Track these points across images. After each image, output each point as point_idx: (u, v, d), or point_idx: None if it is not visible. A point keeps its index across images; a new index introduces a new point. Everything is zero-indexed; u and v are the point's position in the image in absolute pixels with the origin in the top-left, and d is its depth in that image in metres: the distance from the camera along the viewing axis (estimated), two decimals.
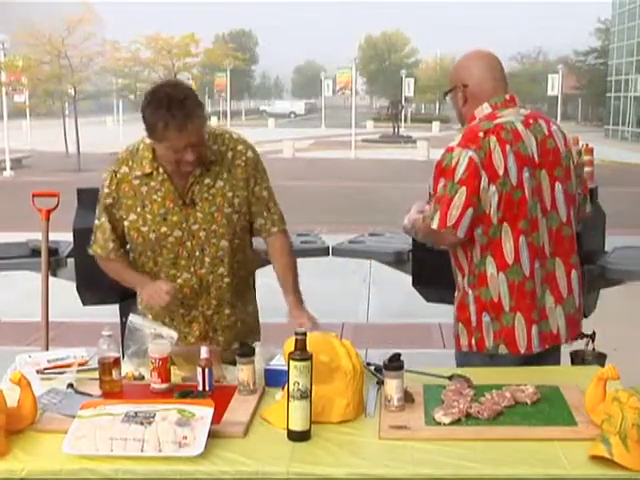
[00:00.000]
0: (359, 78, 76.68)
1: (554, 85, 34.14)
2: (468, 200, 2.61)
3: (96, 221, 2.79)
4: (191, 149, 2.53)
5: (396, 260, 4.20)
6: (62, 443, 1.96)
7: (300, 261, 2.92)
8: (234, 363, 2.40)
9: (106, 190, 2.73)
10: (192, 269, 2.73)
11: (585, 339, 3.40)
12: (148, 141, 2.65)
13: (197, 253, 2.72)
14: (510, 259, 2.67)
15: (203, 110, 2.56)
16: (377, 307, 7.24)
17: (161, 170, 2.66)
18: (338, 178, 19.51)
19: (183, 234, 2.69)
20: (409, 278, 4.05)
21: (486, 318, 2.71)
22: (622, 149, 30.43)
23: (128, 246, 2.81)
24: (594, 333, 3.43)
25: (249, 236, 2.84)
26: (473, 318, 2.74)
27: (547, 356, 2.82)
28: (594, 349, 3.46)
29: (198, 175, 2.67)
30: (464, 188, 2.61)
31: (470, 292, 2.74)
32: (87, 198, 4.14)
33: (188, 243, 2.70)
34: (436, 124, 45.23)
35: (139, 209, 2.69)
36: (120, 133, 34.56)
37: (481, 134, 2.64)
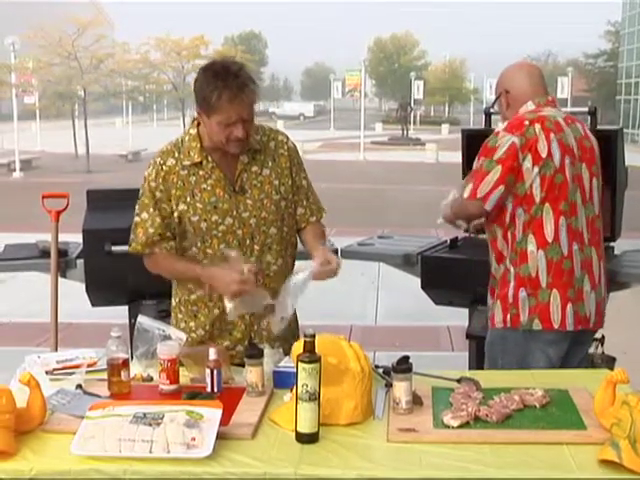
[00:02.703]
0: (368, 80, 76.77)
1: (563, 88, 34.12)
2: (501, 178, 2.83)
3: (136, 218, 2.71)
4: (241, 124, 2.55)
5: (405, 263, 4.19)
6: (70, 444, 1.97)
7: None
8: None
9: (152, 184, 2.67)
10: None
11: (594, 342, 3.40)
12: (193, 131, 2.68)
13: (247, 241, 2.71)
14: (550, 237, 2.84)
15: (256, 85, 2.58)
16: (386, 309, 7.24)
17: (210, 158, 2.67)
18: (347, 180, 19.50)
19: (234, 222, 2.69)
20: (418, 281, 4.04)
21: (522, 294, 2.86)
22: (632, 152, 30.15)
23: (173, 242, 2.72)
24: (603, 337, 3.43)
25: (295, 225, 2.84)
26: (511, 293, 2.88)
27: (581, 344, 2.99)
28: (603, 352, 3.47)
29: (246, 163, 2.70)
30: (500, 166, 2.83)
31: (512, 269, 2.89)
32: (96, 199, 4.18)
33: (239, 231, 2.70)
34: (445, 126, 45.20)
35: (188, 199, 2.67)
36: (129, 135, 34.67)
37: (527, 122, 2.87)
